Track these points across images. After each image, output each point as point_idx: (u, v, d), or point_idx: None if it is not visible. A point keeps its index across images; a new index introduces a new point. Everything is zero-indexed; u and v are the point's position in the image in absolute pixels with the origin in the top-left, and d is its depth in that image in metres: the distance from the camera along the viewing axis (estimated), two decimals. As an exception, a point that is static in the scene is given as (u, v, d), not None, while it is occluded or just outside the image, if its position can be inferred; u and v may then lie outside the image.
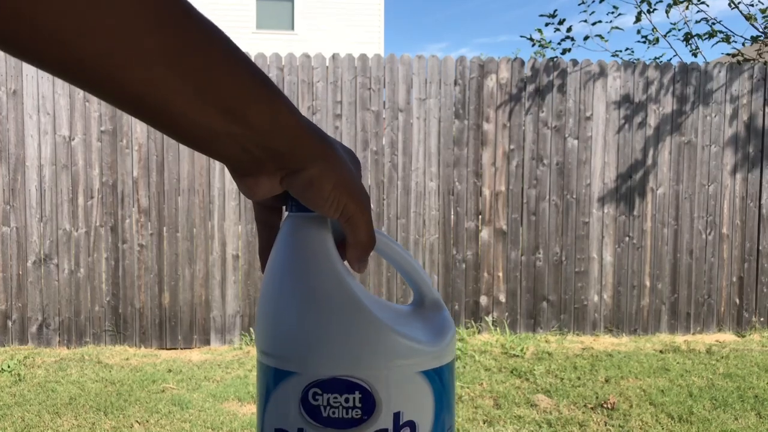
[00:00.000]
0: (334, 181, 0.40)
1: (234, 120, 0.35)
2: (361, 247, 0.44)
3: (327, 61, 4.52)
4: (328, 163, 0.40)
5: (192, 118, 0.34)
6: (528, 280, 4.69)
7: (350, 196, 0.41)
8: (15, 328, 4.29)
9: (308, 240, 0.44)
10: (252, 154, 0.38)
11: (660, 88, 4.78)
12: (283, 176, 0.40)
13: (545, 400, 3.43)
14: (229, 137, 0.36)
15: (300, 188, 0.40)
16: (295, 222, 0.45)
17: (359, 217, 0.42)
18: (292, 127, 0.38)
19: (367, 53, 4.68)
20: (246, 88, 0.36)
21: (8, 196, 4.24)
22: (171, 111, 0.34)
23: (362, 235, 0.43)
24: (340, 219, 0.42)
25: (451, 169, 4.61)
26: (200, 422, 3.11)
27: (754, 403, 3.39)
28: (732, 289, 4.87)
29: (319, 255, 0.44)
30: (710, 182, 4.81)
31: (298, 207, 0.44)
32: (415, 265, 0.51)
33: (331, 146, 0.41)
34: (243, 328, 4.47)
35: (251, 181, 0.40)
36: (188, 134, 0.36)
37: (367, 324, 0.43)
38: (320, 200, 0.41)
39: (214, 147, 0.37)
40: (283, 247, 0.45)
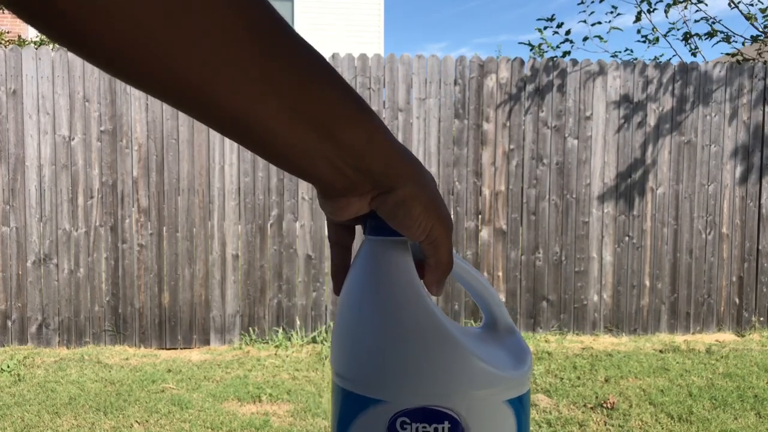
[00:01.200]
0: (424, 203, 0.40)
1: (328, 140, 0.35)
2: (441, 270, 0.44)
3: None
4: (417, 184, 0.40)
5: (287, 138, 0.35)
6: (528, 279, 4.69)
7: (437, 219, 0.41)
8: (15, 328, 4.29)
9: (392, 265, 0.43)
10: (345, 175, 0.38)
11: (660, 87, 4.78)
12: (374, 196, 0.40)
13: (545, 400, 3.43)
14: (324, 157, 0.36)
15: (390, 209, 0.40)
16: (376, 246, 0.44)
17: (443, 240, 0.42)
18: (384, 147, 0.38)
19: (367, 53, 4.68)
20: (340, 108, 0.36)
21: (8, 196, 4.24)
22: (267, 132, 0.34)
23: (443, 258, 0.43)
24: (424, 241, 0.42)
25: (450, 168, 4.61)
26: (200, 422, 3.11)
27: (754, 402, 3.39)
28: (732, 289, 4.86)
29: (403, 281, 0.43)
30: (710, 182, 4.81)
31: (377, 229, 0.44)
32: (488, 288, 0.50)
33: (420, 167, 0.41)
34: (243, 328, 4.47)
35: (343, 202, 0.40)
36: (282, 155, 0.36)
37: (456, 353, 0.42)
38: (409, 221, 0.40)
39: (308, 168, 0.37)
40: (364, 271, 0.44)
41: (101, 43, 0.28)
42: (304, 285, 4.51)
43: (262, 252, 4.47)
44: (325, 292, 4.54)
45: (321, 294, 4.53)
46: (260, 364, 4.03)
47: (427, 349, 0.42)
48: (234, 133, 0.34)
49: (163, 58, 0.29)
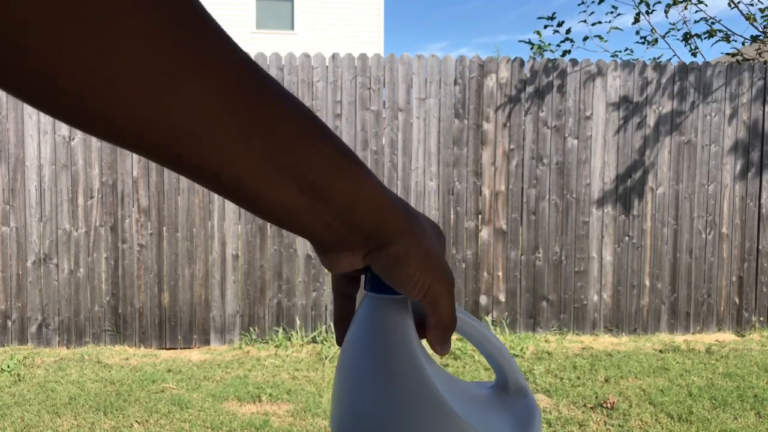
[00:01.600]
0: (419, 260, 0.38)
1: (315, 197, 0.33)
2: (442, 330, 0.42)
3: (327, 61, 4.52)
4: (413, 239, 0.38)
5: (271, 196, 0.33)
6: (528, 279, 4.70)
7: (435, 276, 0.39)
8: (15, 328, 4.29)
9: (388, 327, 0.41)
10: (335, 230, 0.36)
11: (659, 87, 4.78)
12: (367, 252, 0.38)
13: (545, 400, 3.43)
14: (311, 214, 0.34)
15: (384, 265, 0.38)
16: (374, 304, 0.42)
17: (442, 298, 0.40)
18: (376, 201, 0.36)
19: (366, 53, 4.68)
20: (327, 162, 0.33)
21: (8, 195, 4.24)
22: (249, 189, 0.32)
23: (444, 316, 0.41)
24: (422, 299, 0.40)
25: (450, 168, 4.61)
26: (200, 422, 3.11)
27: (754, 402, 3.39)
28: (732, 289, 4.87)
29: (399, 345, 0.41)
30: (710, 182, 4.81)
31: (376, 285, 0.42)
32: (499, 346, 0.48)
33: (417, 221, 0.39)
34: (242, 328, 4.47)
35: (335, 256, 0.38)
36: (268, 211, 0.34)
37: (448, 424, 0.40)
38: (404, 278, 0.38)
39: (296, 224, 0.35)
40: (361, 331, 0.42)
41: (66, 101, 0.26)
42: (304, 285, 4.51)
43: (262, 252, 4.47)
44: (325, 292, 4.54)
45: (321, 294, 4.53)
46: (260, 364, 4.03)
47: (419, 422, 0.40)
48: (213, 188, 0.32)
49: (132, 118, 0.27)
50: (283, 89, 0.32)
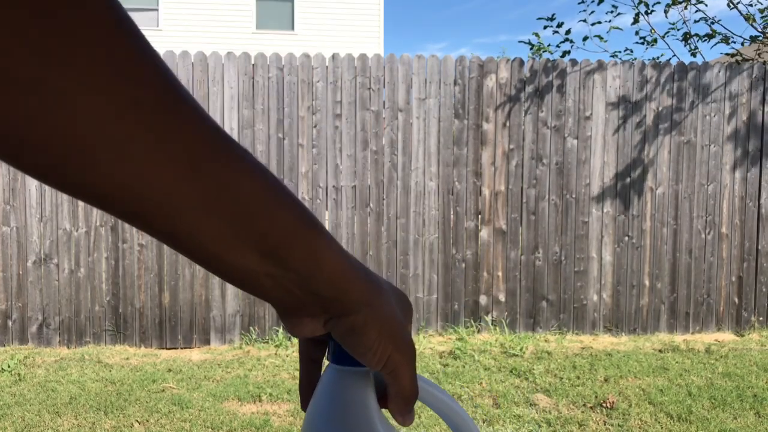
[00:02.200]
0: (378, 330, 0.38)
1: (275, 263, 0.33)
2: (403, 400, 0.41)
3: (327, 61, 4.53)
4: (373, 309, 0.38)
5: (232, 261, 0.32)
6: (527, 279, 4.70)
7: (395, 346, 0.39)
8: (15, 327, 4.29)
9: (348, 401, 0.42)
10: (295, 296, 0.36)
11: (659, 87, 4.79)
12: (327, 319, 0.38)
13: (544, 400, 3.44)
14: (272, 280, 0.34)
15: (342, 334, 0.38)
16: (336, 375, 0.42)
17: (403, 369, 0.40)
18: (335, 268, 0.36)
19: (366, 53, 4.68)
20: (288, 230, 0.33)
21: (8, 195, 4.25)
22: (210, 253, 0.32)
23: (405, 387, 0.41)
24: (382, 370, 0.40)
25: (450, 168, 4.61)
26: (200, 422, 3.12)
27: (753, 402, 3.40)
28: (731, 289, 4.87)
29: (358, 420, 0.41)
30: (709, 182, 4.82)
31: (338, 356, 0.42)
32: (462, 415, 0.47)
33: (379, 290, 0.39)
34: (243, 328, 4.47)
35: (295, 321, 0.38)
36: (229, 275, 0.34)
37: None
38: (363, 349, 0.38)
39: (257, 288, 0.35)
40: (321, 403, 0.42)
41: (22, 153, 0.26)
42: (304, 285, 4.51)
43: (262, 252, 4.47)
44: (325, 291, 4.54)
45: (321, 294, 4.53)
46: (260, 363, 4.03)
47: None
48: (175, 249, 0.32)
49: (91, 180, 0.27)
50: (247, 154, 0.32)
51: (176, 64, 4.32)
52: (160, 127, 0.28)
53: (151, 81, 0.27)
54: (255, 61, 4.45)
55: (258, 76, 4.44)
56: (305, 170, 4.48)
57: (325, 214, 4.53)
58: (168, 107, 0.28)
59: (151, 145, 0.27)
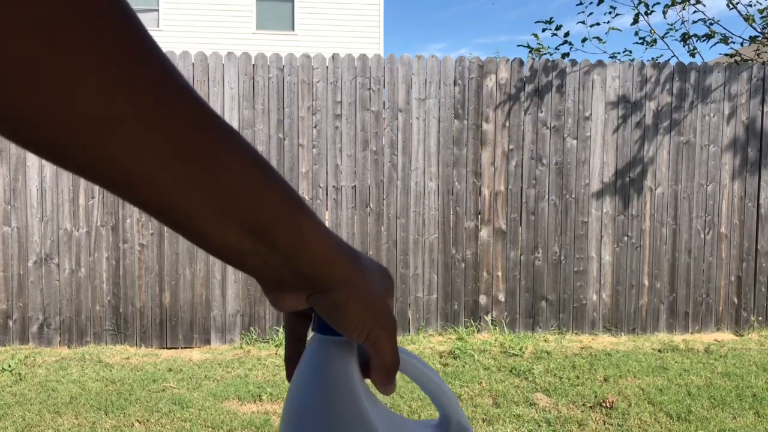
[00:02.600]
0: (360, 305, 0.39)
1: (260, 241, 0.35)
2: (384, 371, 0.43)
3: (327, 61, 4.54)
4: (354, 286, 0.39)
5: (217, 237, 0.34)
6: (527, 279, 4.71)
7: (375, 321, 0.40)
8: (16, 327, 4.30)
9: (331, 368, 0.43)
10: (278, 272, 0.37)
11: (658, 87, 4.80)
12: (310, 294, 0.39)
13: (544, 399, 3.44)
14: (256, 256, 0.36)
15: (325, 309, 0.40)
16: (320, 345, 0.44)
17: (384, 342, 0.41)
18: (319, 248, 0.37)
19: (366, 53, 4.69)
20: (273, 209, 0.35)
21: (9, 195, 4.25)
22: (197, 229, 0.33)
23: (386, 359, 0.43)
24: (364, 342, 0.41)
25: (450, 168, 4.62)
26: (200, 421, 3.12)
27: (753, 401, 3.40)
28: (730, 289, 4.88)
29: (341, 386, 0.43)
30: (709, 182, 4.83)
31: (323, 326, 0.43)
32: (442, 386, 0.49)
33: (360, 267, 0.40)
34: (243, 328, 4.48)
35: (278, 296, 0.39)
36: (214, 250, 0.35)
37: None
38: (344, 323, 0.40)
39: (242, 264, 0.36)
40: (306, 372, 0.44)
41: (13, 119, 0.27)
42: (304, 285, 4.52)
43: (263, 252, 4.48)
44: (325, 291, 4.55)
45: (321, 294, 4.54)
46: (261, 363, 4.04)
47: None
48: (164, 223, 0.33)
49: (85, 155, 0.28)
50: (235, 134, 0.33)
51: (176, 65, 4.32)
52: (150, 107, 0.29)
53: (140, 61, 0.28)
54: (255, 62, 4.46)
55: (258, 76, 4.45)
56: (305, 170, 4.49)
57: (325, 214, 4.53)
58: (157, 87, 0.29)
59: (140, 125, 0.28)
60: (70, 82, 0.26)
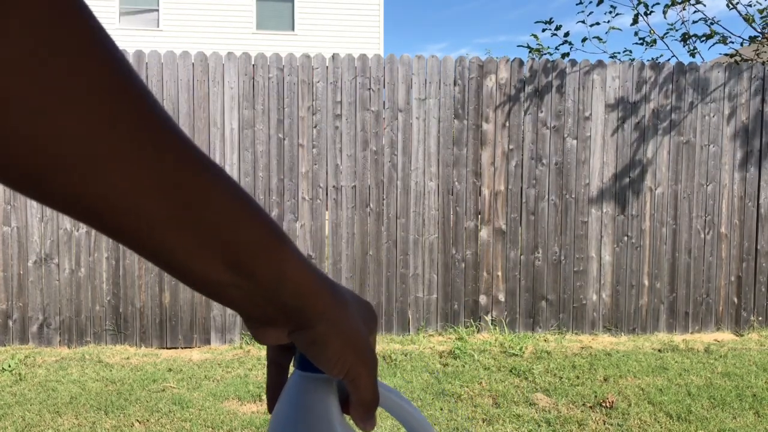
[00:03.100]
0: (340, 341, 0.39)
1: (241, 274, 0.34)
2: (363, 407, 0.43)
3: (327, 61, 4.54)
4: (335, 322, 0.39)
5: (197, 271, 0.33)
6: (527, 279, 4.71)
7: (356, 357, 0.40)
8: (16, 327, 4.30)
9: (310, 406, 0.43)
10: (260, 307, 0.37)
11: (658, 88, 4.80)
12: (291, 330, 0.39)
13: (544, 399, 3.44)
14: (237, 290, 0.35)
15: (305, 345, 0.40)
16: (300, 381, 0.44)
17: (364, 378, 0.41)
18: (300, 280, 0.37)
19: (366, 53, 4.69)
20: (254, 243, 0.34)
21: (9, 195, 4.25)
22: (176, 262, 0.33)
23: (365, 395, 0.42)
24: (344, 379, 0.41)
25: (450, 168, 4.62)
26: (200, 421, 3.12)
27: (753, 401, 3.40)
28: (730, 289, 4.88)
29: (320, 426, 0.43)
30: (709, 182, 4.83)
31: (303, 363, 0.44)
32: (422, 421, 0.49)
33: (341, 302, 0.40)
34: (243, 328, 4.48)
35: (261, 331, 0.39)
36: (194, 284, 0.35)
37: None
38: (324, 359, 0.40)
39: (223, 296, 0.36)
40: (286, 407, 0.44)
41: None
42: (304, 285, 4.52)
43: (263, 252, 4.48)
44: (325, 291, 4.55)
45: (321, 294, 4.54)
46: (261, 363, 4.04)
47: None
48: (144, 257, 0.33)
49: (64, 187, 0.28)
50: (217, 169, 0.33)
51: (176, 65, 4.33)
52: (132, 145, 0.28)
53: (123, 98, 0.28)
54: (255, 62, 4.46)
55: (258, 76, 4.45)
56: (305, 170, 4.49)
57: (325, 214, 4.53)
58: (140, 124, 0.29)
59: (123, 162, 0.28)
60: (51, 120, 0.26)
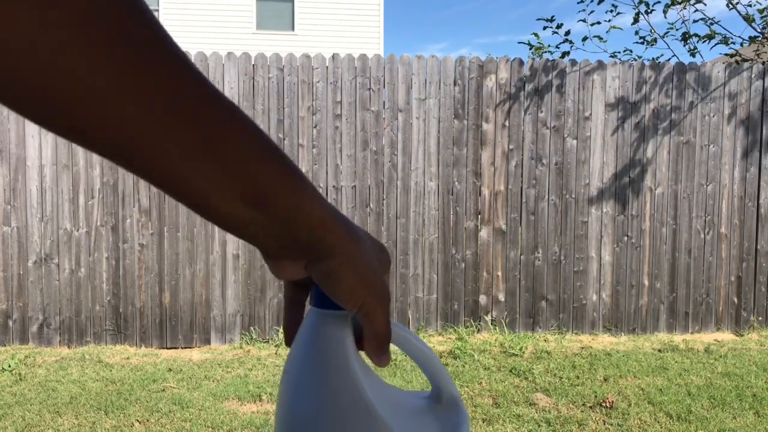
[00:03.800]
0: (354, 275, 0.41)
1: (259, 211, 0.36)
2: (377, 341, 0.44)
3: (327, 61, 4.54)
4: (349, 255, 0.40)
5: (217, 206, 0.35)
6: (527, 279, 4.71)
7: (368, 291, 0.41)
8: (16, 327, 4.30)
9: (326, 341, 0.44)
10: (277, 241, 0.39)
11: (658, 87, 4.80)
12: (307, 263, 0.41)
13: (544, 399, 3.44)
14: (255, 225, 0.37)
15: (320, 277, 0.41)
16: (317, 317, 0.45)
17: (377, 311, 0.42)
18: (316, 218, 0.38)
19: (366, 53, 4.69)
20: (271, 178, 0.36)
21: (9, 195, 4.25)
22: (196, 197, 0.34)
23: (379, 329, 0.43)
24: (358, 313, 0.42)
25: (450, 168, 4.62)
26: (200, 421, 3.12)
27: (752, 401, 3.40)
28: (730, 289, 4.88)
29: (336, 359, 0.44)
30: (709, 182, 4.83)
31: (319, 300, 0.45)
32: (433, 359, 0.50)
33: (355, 238, 0.41)
34: (243, 328, 4.48)
35: (277, 264, 0.41)
36: (214, 219, 0.36)
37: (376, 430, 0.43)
38: (338, 291, 0.41)
39: (241, 230, 0.37)
40: (302, 343, 0.45)
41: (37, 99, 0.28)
42: (304, 285, 4.52)
43: (263, 252, 4.48)
44: (325, 291, 4.55)
45: (321, 294, 4.54)
46: (261, 363, 4.04)
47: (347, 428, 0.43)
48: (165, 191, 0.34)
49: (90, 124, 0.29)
50: (234, 108, 0.34)
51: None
52: (154, 80, 0.30)
53: (146, 38, 0.29)
54: (255, 62, 4.46)
55: (258, 76, 4.45)
56: (305, 170, 4.49)
57: (325, 214, 4.53)
58: (162, 61, 0.30)
59: (146, 96, 0.29)
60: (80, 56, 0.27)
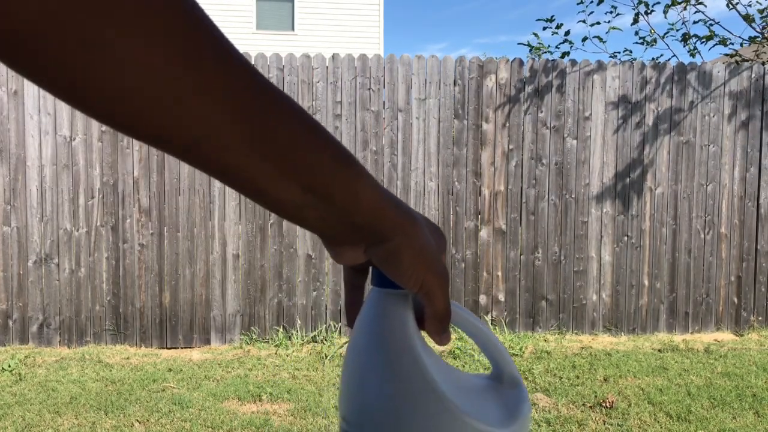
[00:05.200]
0: (412, 255, 0.41)
1: (317, 197, 0.37)
2: (437, 320, 0.45)
3: (327, 61, 4.54)
4: (407, 237, 0.41)
5: (276, 194, 0.36)
6: (527, 279, 4.71)
7: (428, 271, 0.42)
8: (16, 327, 4.30)
9: (389, 320, 0.45)
10: (336, 227, 0.40)
11: (658, 87, 4.80)
12: (366, 247, 0.42)
13: (544, 399, 3.44)
14: (314, 212, 0.38)
15: (380, 259, 0.42)
16: (378, 297, 0.46)
17: (437, 291, 0.43)
18: (373, 202, 0.39)
19: (366, 53, 4.69)
20: (328, 168, 0.37)
21: (9, 195, 4.25)
22: (257, 187, 0.36)
23: (439, 308, 0.44)
24: (418, 292, 0.43)
25: (450, 168, 4.62)
26: (200, 421, 3.12)
27: (752, 401, 3.40)
28: (730, 289, 4.88)
29: (398, 337, 0.45)
30: (709, 182, 4.83)
31: (380, 279, 0.45)
32: (493, 339, 0.51)
33: (413, 220, 0.42)
34: (243, 328, 4.48)
35: (337, 249, 0.42)
36: (274, 207, 0.37)
37: (443, 412, 0.44)
38: (399, 272, 0.42)
39: (300, 219, 0.39)
40: (365, 323, 0.46)
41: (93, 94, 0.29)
42: (304, 284, 4.52)
43: (263, 252, 4.48)
44: (325, 291, 4.55)
45: (321, 293, 4.54)
46: (261, 363, 4.04)
47: (413, 406, 0.43)
48: (224, 182, 0.36)
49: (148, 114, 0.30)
50: (291, 102, 0.35)
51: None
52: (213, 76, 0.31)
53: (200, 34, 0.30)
54: (255, 62, 4.46)
55: (258, 76, 4.45)
56: (305, 170, 4.48)
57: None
58: (220, 58, 0.31)
59: (205, 91, 0.31)
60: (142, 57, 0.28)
